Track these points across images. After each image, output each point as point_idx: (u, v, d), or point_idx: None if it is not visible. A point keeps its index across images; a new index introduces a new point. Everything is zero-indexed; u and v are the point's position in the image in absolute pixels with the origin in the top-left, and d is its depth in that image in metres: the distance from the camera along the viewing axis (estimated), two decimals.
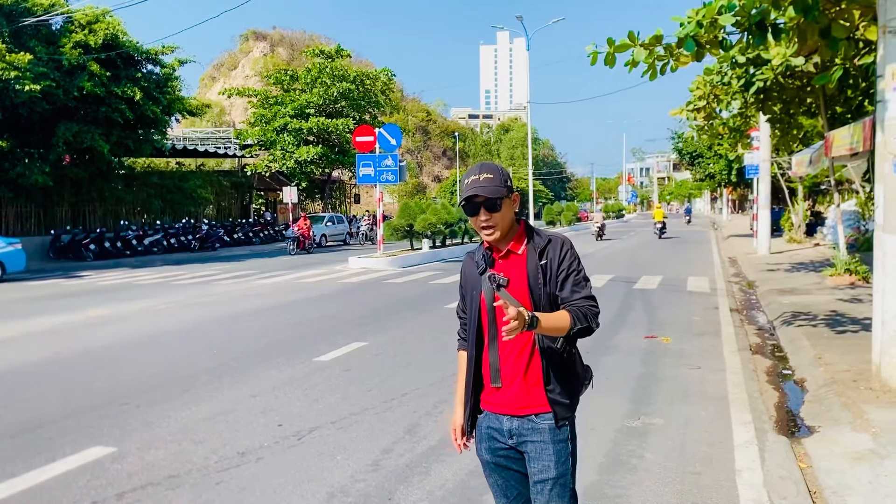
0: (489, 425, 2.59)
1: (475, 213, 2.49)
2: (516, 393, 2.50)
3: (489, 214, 2.47)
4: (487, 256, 2.55)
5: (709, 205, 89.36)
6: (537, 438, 2.49)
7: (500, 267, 2.54)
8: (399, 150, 23.48)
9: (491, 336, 2.53)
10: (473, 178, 2.48)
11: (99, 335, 10.02)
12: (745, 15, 6.44)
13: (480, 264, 2.57)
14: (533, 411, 2.49)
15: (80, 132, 24.51)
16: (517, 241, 2.55)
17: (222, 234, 33.08)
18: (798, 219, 27.83)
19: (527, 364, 2.49)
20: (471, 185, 2.47)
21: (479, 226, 2.50)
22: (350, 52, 44.39)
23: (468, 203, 2.49)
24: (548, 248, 2.51)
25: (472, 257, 2.68)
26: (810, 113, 14.75)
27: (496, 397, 2.56)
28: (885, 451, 4.60)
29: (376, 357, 8.19)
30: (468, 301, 2.66)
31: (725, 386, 6.70)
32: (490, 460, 2.61)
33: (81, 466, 4.83)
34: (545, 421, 2.49)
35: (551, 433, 2.48)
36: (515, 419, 2.52)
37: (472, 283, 2.62)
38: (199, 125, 59.23)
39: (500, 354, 2.52)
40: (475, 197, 2.46)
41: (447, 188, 78.50)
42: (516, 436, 2.52)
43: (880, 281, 6.26)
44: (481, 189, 2.44)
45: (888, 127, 6.04)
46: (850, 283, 13.11)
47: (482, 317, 2.56)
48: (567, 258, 2.50)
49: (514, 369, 2.50)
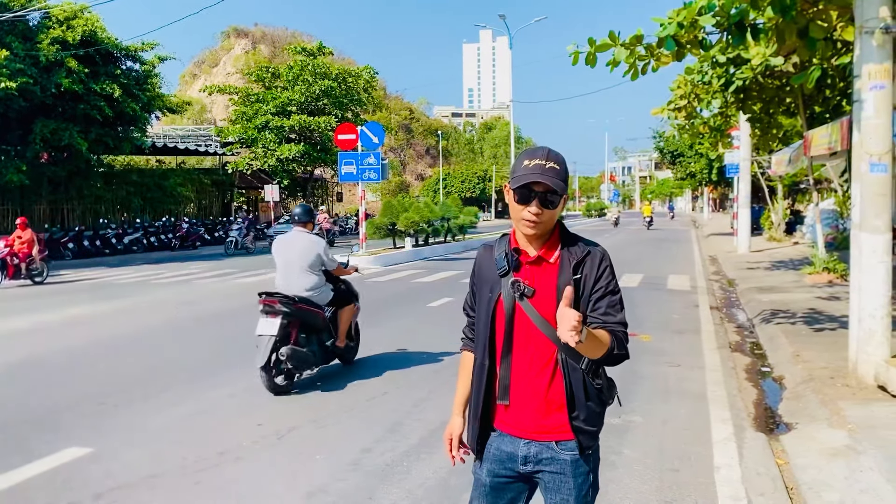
0: (500, 447, 2.28)
1: (526, 202, 2.11)
2: (535, 414, 2.21)
3: (541, 209, 2.11)
4: (513, 258, 2.21)
5: (690, 203, 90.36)
6: (557, 469, 2.21)
7: (525, 273, 2.20)
8: (382, 149, 23.45)
9: (505, 347, 2.23)
10: (537, 162, 2.10)
11: (77, 334, 9.92)
12: (725, 15, 6.49)
13: (502, 264, 2.22)
14: (554, 437, 2.20)
15: (58, 129, 24.24)
16: (550, 246, 2.21)
17: (203, 232, 32.87)
18: (778, 217, 28.09)
19: (548, 384, 2.19)
20: (534, 168, 2.09)
21: (523, 217, 2.13)
22: (332, 50, 44.37)
23: (523, 188, 2.11)
24: (585, 260, 2.18)
25: (489, 250, 2.32)
26: (790, 112, 14.88)
27: (512, 417, 2.25)
28: (860, 448, 4.65)
29: (357, 355, 8.16)
30: (480, 301, 2.33)
31: (705, 383, 6.74)
32: (488, 483, 2.31)
33: (58, 467, 4.78)
34: (567, 452, 2.20)
35: (573, 466, 2.20)
36: (534, 445, 2.22)
37: (489, 281, 2.28)
38: (180, 123, 58.79)
39: (512, 369, 2.22)
40: (536, 184, 2.09)
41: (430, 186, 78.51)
42: (533, 463, 2.23)
43: (857, 279, 6.34)
44: (547, 178, 2.07)
45: (865, 127, 6.11)
46: (828, 281, 13.25)
47: (496, 323, 2.24)
48: (605, 276, 2.19)
49: (534, 388, 2.20)
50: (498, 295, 2.22)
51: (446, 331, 9.53)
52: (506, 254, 2.22)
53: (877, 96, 6.01)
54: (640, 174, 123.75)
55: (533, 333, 2.18)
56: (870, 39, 5.94)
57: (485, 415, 2.30)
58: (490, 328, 2.25)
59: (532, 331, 2.17)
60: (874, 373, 6.07)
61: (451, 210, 27.61)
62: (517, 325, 2.19)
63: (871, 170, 6.09)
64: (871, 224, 6.14)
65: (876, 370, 6.04)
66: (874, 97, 6.01)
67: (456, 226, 27.73)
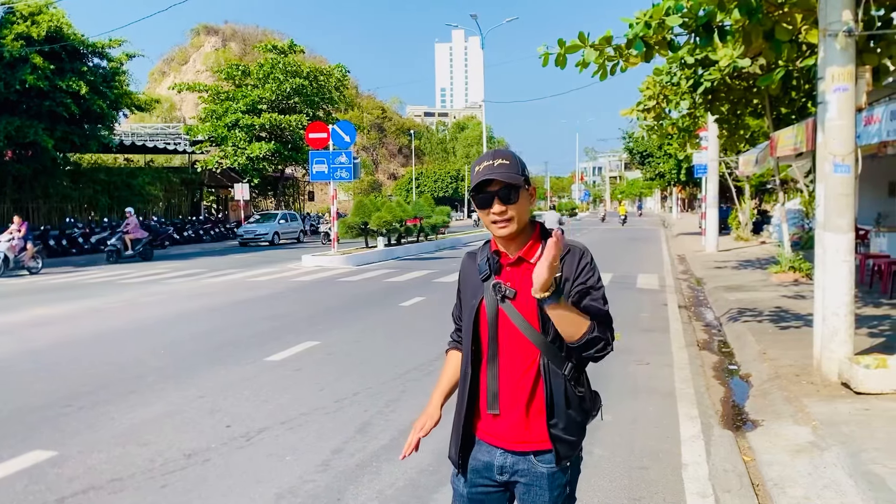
0: (476, 455, 2.25)
1: (487, 205, 2.12)
2: (515, 424, 2.16)
3: (504, 206, 2.10)
4: (494, 262, 2.19)
5: (659, 203, 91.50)
6: (533, 482, 2.17)
7: (507, 276, 2.17)
8: (353, 148, 23.34)
9: (490, 355, 2.18)
10: (486, 163, 2.13)
11: (42, 335, 9.73)
12: (692, 17, 6.56)
13: (483, 268, 2.20)
14: (532, 448, 2.16)
15: (23, 126, 23.75)
16: (530, 246, 2.18)
17: (172, 231, 32.49)
18: (745, 217, 28.50)
19: (530, 391, 2.14)
20: (483, 170, 2.12)
21: (491, 220, 2.13)
22: (304, 48, 44.07)
23: (479, 192, 2.13)
24: (565, 258, 2.11)
25: (472, 258, 2.32)
26: (756, 114, 15.11)
27: (492, 426, 2.21)
28: (824, 444, 4.73)
29: (328, 356, 8.12)
30: (465, 309, 2.30)
31: (673, 381, 6.81)
32: (466, 495, 2.28)
33: (19, 471, 4.68)
34: (545, 465, 2.15)
35: (549, 479, 2.16)
36: (510, 455, 2.18)
37: (472, 288, 2.26)
38: (149, 121, 58.09)
39: (500, 376, 2.18)
40: (489, 184, 2.11)
41: (403, 185, 78.46)
42: (509, 473, 2.19)
43: (821, 278, 6.44)
44: (497, 174, 2.09)
45: (829, 128, 6.21)
46: (793, 280, 13.47)
47: (480, 330, 2.21)
48: (585, 272, 2.12)
49: (516, 396, 2.15)
50: (481, 299, 2.19)
51: (419, 331, 9.53)
52: (487, 258, 2.21)
53: (840, 98, 6.11)
54: (610, 174, 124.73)
55: (516, 338, 2.14)
56: (833, 42, 6.04)
57: (467, 425, 2.25)
58: (475, 334, 2.22)
59: (515, 335, 2.14)
60: (838, 370, 6.17)
61: (423, 209, 27.62)
62: (501, 330, 2.16)
63: (835, 170, 6.20)
64: (834, 224, 6.25)
65: (839, 367, 6.15)
66: (837, 99, 6.12)
67: (428, 225, 27.73)
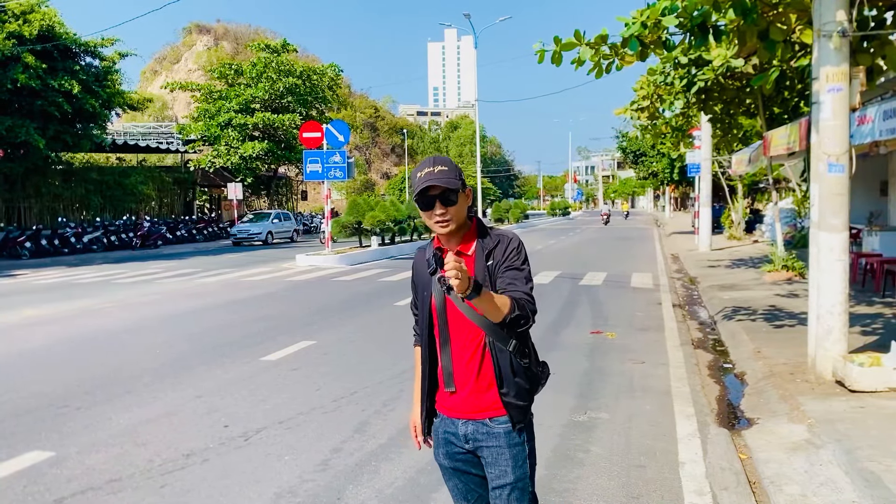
0: (445, 430, 2.53)
1: (430, 207, 2.35)
2: (470, 397, 2.44)
3: (444, 208, 2.34)
4: (437, 257, 2.37)
5: (652, 202, 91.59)
6: (493, 443, 2.44)
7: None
8: (347, 147, 23.33)
9: (443, 339, 2.47)
10: (427, 170, 2.34)
11: (35, 336, 9.70)
12: (688, 16, 6.59)
13: (431, 263, 2.42)
14: (487, 415, 2.43)
15: (14, 126, 23.67)
16: (467, 240, 2.44)
17: (165, 231, 32.38)
18: (738, 216, 28.60)
19: (479, 366, 2.42)
20: (424, 177, 2.33)
21: (434, 220, 2.37)
22: (296, 47, 44.01)
23: (422, 196, 2.35)
24: (496, 248, 2.40)
25: (422, 253, 2.59)
26: (749, 113, 15.16)
27: (451, 401, 2.49)
28: (819, 441, 4.77)
29: (325, 356, 8.12)
30: (419, 301, 2.59)
31: (669, 380, 6.84)
32: (449, 465, 2.56)
33: (18, 472, 4.67)
34: (500, 425, 2.43)
35: (507, 437, 2.43)
36: (470, 423, 2.46)
37: (423, 282, 2.53)
38: (141, 120, 57.85)
39: (452, 357, 2.45)
40: (430, 189, 2.33)
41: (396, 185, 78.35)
42: (472, 441, 2.47)
43: (815, 277, 6.48)
44: (437, 180, 2.31)
45: (823, 128, 6.25)
46: (787, 279, 13.53)
47: (433, 318, 2.48)
48: (512, 255, 2.38)
49: (467, 372, 2.43)
50: (432, 293, 2.47)
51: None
52: (433, 254, 2.40)
53: (834, 98, 6.15)
54: (602, 173, 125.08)
55: (464, 323, 2.41)
56: (827, 42, 6.08)
57: (430, 401, 2.59)
58: (429, 323, 2.51)
59: (462, 321, 2.41)
60: (832, 368, 6.21)
61: (416, 209, 27.58)
62: (450, 317, 2.43)
63: (829, 170, 6.23)
64: (829, 223, 6.29)
65: (834, 366, 6.19)
66: (832, 99, 6.15)
67: (422, 224, 27.73)
